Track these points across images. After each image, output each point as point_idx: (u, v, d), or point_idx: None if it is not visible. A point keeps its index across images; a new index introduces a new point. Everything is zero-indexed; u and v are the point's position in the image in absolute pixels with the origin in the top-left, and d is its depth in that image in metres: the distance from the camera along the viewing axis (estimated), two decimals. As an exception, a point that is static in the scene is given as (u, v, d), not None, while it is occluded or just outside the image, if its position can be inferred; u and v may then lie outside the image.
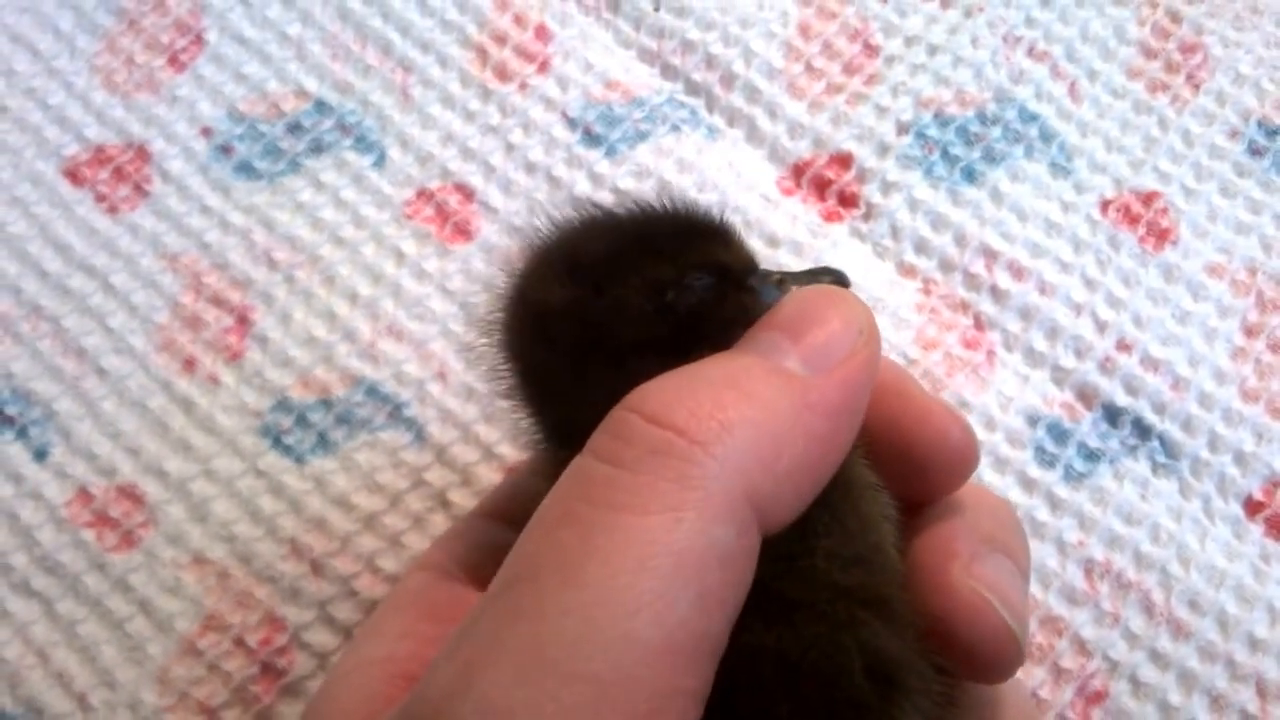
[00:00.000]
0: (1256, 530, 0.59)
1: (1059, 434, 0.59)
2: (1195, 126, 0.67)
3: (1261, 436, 0.60)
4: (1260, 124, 0.67)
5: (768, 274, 0.41)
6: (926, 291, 0.62)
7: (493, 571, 0.35)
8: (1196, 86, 0.68)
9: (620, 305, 0.39)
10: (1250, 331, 0.62)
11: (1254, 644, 0.55)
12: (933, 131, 0.65)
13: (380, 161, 0.64)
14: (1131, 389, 0.60)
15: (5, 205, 0.63)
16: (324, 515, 0.56)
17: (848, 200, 0.64)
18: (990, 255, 0.62)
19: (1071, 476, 0.58)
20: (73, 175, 0.64)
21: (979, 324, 0.61)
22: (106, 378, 0.59)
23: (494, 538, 0.44)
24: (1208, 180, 0.66)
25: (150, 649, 0.54)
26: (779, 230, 0.62)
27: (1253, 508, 0.59)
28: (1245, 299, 0.63)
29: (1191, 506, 0.58)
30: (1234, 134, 0.67)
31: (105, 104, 0.65)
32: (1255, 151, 0.67)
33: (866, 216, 0.64)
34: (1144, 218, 0.64)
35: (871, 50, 0.68)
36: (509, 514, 0.45)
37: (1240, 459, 0.59)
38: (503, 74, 0.66)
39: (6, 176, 0.64)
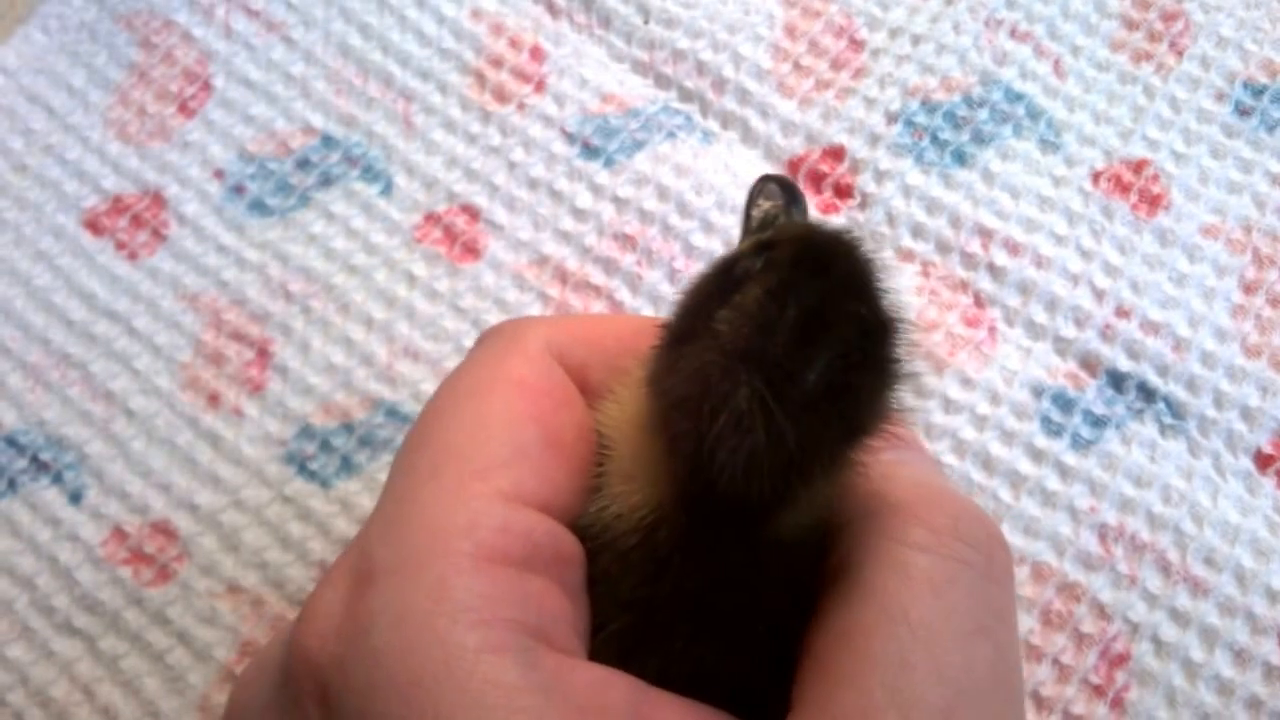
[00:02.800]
0: (1269, 483, 0.57)
1: (1064, 403, 0.57)
2: (1181, 92, 0.65)
3: (1267, 390, 0.58)
4: (1246, 84, 0.65)
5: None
6: (925, 274, 0.61)
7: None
8: (1180, 53, 0.66)
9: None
10: (1249, 288, 0.60)
11: (1273, 596, 0.54)
12: (921, 118, 0.64)
13: (387, 189, 0.64)
14: (1133, 354, 0.58)
15: (30, 259, 0.62)
16: (351, 537, 0.55)
17: (843, 191, 0.63)
18: (985, 234, 0.61)
19: (1079, 444, 0.57)
20: (93, 226, 0.63)
21: (979, 301, 0.60)
22: (135, 418, 0.58)
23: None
24: (1197, 144, 0.64)
25: (191, 678, 0.53)
26: (777, 226, 0.61)
27: (1263, 461, 0.57)
28: (1242, 257, 0.61)
29: (1201, 464, 0.57)
30: (1220, 96, 0.65)
31: (120, 154, 0.65)
32: (1243, 112, 0.65)
33: (862, 206, 0.62)
34: (1135, 185, 0.62)
35: (857, 45, 0.66)
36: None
37: (1247, 414, 0.58)
38: (501, 96, 0.65)
39: (30, 231, 0.63)
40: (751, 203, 0.41)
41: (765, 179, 0.41)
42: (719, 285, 0.35)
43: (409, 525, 0.35)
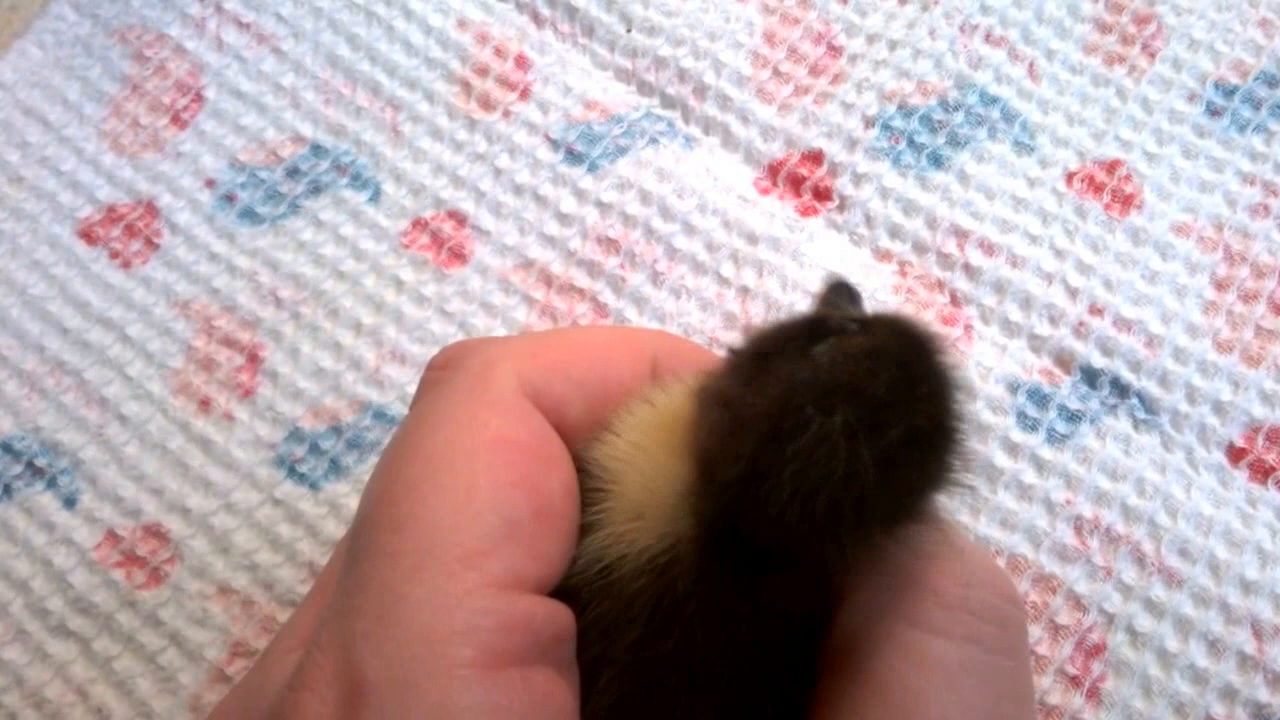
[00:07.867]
0: (1241, 476, 0.56)
1: (1039, 399, 0.57)
2: (1153, 94, 0.64)
3: (1238, 385, 0.57)
4: (1217, 85, 0.65)
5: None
6: (902, 274, 0.60)
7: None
8: (1152, 55, 0.66)
9: None
10: (1220, 285, 0.60)
11: (1246, 586, 0.53)
12: (898, 122, 0.63)
13: (375, 196, 0.63)
14: (1107, 350, 0.58)
15: (26, 269, 0.62)
16: (339, 538, 0.54)
17: (822, 194, 0.62)
18: (961, 234, 0.60)
19: (1054, 439, 0.56)
20: (87, 235, 0.63)
21: (955, 300, 0.59)
22: (128, 424, 0.58)
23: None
24: (1169, 144, 0.63)
25: (182, 679, 0.52)
26: (758, 228, 0.60)
27: (1235, 454, 0.56)
28: (1213, 254, 0.60)
29: (1175, 458, 0.56)
30: (1192, 97, 0.64)
31: (114, 165, 0.64)
32: (1214, 112, 0.64)
33: (841, 208, 0.62)
34: (1108, 186, 0.62)
35: (835, 51, 0.65)
36: None
37: (1219, 408, 0.57)
38: (486, 104, 0.65)
39: (25, 242, 0.62)
40: (826, 301, 0.39)
41: (834, 282, 0.40)
42: (810, 327, 0.34)
43: (401, 631, 0.31)
